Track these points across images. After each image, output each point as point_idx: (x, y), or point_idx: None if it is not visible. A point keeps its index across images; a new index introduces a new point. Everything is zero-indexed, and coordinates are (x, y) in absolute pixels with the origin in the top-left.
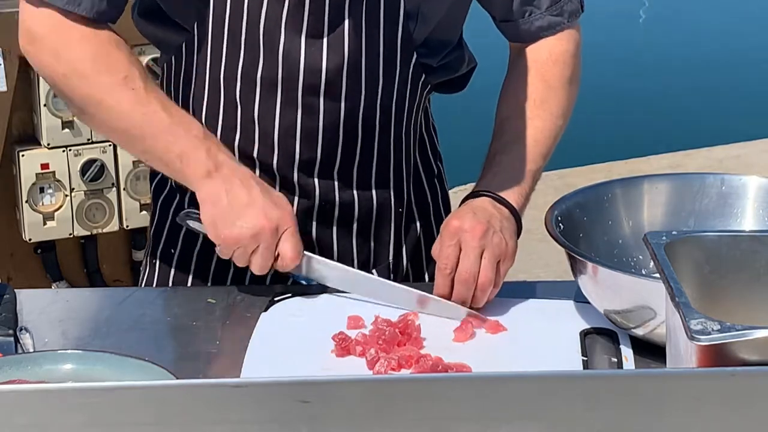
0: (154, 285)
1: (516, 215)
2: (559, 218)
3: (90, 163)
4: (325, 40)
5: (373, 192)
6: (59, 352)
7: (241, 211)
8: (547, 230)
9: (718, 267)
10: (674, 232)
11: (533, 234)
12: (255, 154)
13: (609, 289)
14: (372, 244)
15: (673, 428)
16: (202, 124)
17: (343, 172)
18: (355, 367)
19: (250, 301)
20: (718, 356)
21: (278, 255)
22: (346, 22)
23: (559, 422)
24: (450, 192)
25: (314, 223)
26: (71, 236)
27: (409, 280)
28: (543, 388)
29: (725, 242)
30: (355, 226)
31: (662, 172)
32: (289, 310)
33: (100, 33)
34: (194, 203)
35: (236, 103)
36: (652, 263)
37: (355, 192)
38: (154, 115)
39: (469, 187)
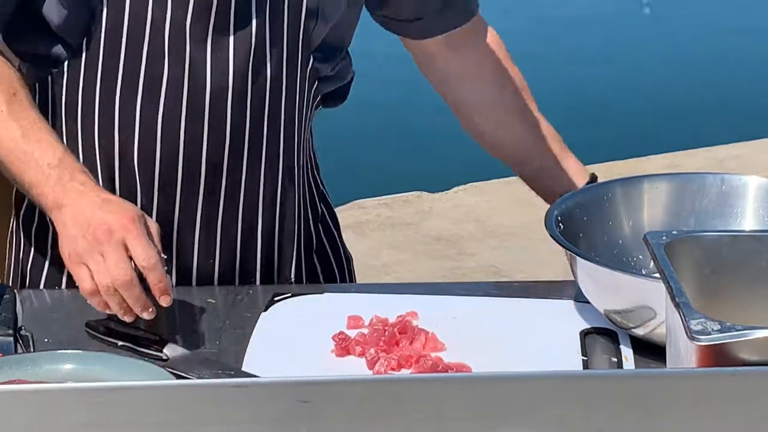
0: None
1: None
2: (559, 218)
3: None
4: (231, 38)
5: (259, 206)
6: (59, 352)
7: (80, 227)
8: (547, 230)
9: (718, 267)
10: (674, 232)
11: (533, 234)
12: (156, 172)
13: (609, 289)
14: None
15: (673, 428)
16: (78, 143)
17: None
18: (355, 367)
19: (250, 301)
20: (718, 356)
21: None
22: (254, 20)
23: (559, 422)
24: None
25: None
26: None
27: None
28: (543, 388)
29: (725, 242)
30: (238, 243)
31: (662, 172)
32: (289, 310)
33: None
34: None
35: (134, 118)
36: (652, 263)
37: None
38: (10, 141)
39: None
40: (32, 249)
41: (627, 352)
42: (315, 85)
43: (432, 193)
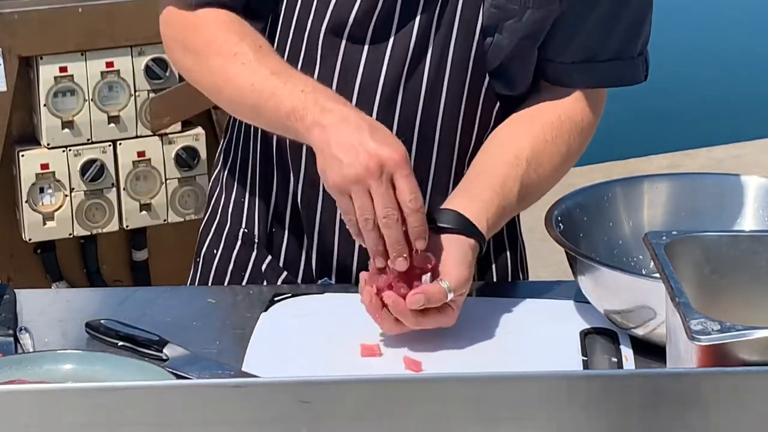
0: (197, 283)
1: None
2: (559, 218)
3: (90, 163)
4: (390, 41)
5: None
6: (59, 352)
7: (347, 154)
8: (547, 230)
9: (718, 267)
10: (674, 232)
11: (534, 233)
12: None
13: (609, 289)
14: None
15: (674, 428)
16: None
17: None
18: (355, 367)
19: (250, 301)
20: (718, 356)
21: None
22: (416, 25)
23: (559, 422)
24: None
25: None
26: (71, 236)
27: None
28: (543, 388)
29: (725, 242)
30: None
31: (662, 172)
32: (289, 310)
33: (208, 18)
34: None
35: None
36: (652, 263)
37: None
38: (264, 82)
39: None
40: (241, 193)
41: (627, 352)
42: (496, 108)
43: None
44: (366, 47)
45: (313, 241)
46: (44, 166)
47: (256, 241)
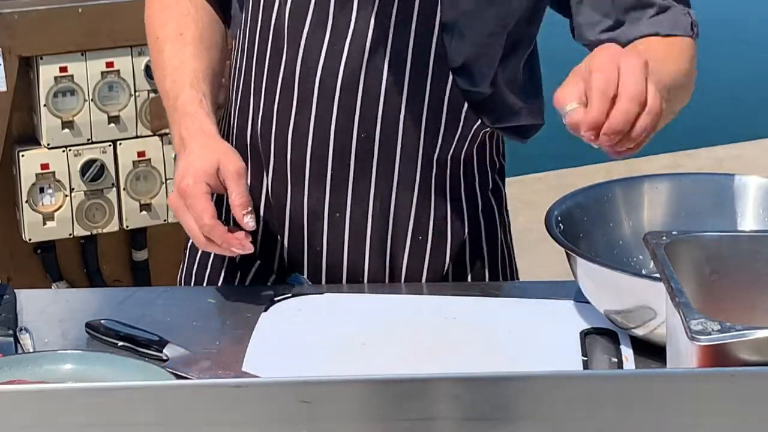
0: (192, 282)
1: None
2: (559, 218)
3: (90, 163)
4: (348, 38)
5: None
6: (59, 352)
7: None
8: (547, 230)
9: (718, 267)
10: (674, 232)
11: (533, 234)
12: (272, 149)
13: (609, 289)
14: (387, 261)
15: (673, 428)
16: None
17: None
18: (356, 367)
19: (250, 301)
20: (718, 356)
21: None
22: (371, 25)
23: (559, 422)
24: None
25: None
26: (71, 236)
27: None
28: (543, 388)
29: (725, 242)
30: (368, 242)
31: (662, 172)
32: (289, 310)
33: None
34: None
35: (261, 92)
36: (652, 263)
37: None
38: (160, 84)
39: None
40: None
41: (627, 352)
42: (464, 108)
43: None
44: (326, 41)
45: (285, 234)
46: (44, 166)
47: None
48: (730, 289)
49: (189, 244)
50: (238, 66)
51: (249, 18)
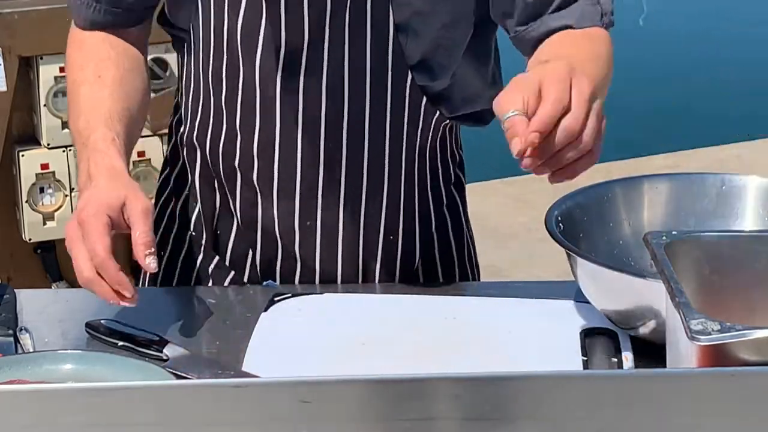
0: (147, 285)
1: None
2: (559, 218)
3: None
4: (304, 53)
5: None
6: (59, 352)
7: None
8: (547, 230)
9: (718, 267)
10: (674, 232)
11: (533, 234)
12: (236, 164)
13: (609, 289)
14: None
15: (673, 428)
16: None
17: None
18: (356, 367)
19: (250, 301)
20: (718, 356)
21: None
22: (327, 35)
23: (559, 422)
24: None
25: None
26: None
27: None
28: (543, 388)
29: (725, 242)
30: (340, 247)
31: (662, 172)
32: (289, 310)
33: (85, 39)
34: (188, 206)
35: (221, 109)
36: (652, 263)
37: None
38: (72, 124)
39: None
40: (188, 197)
41: (627, 352)
42: (423, 102)
43: None
44: (282, 54)
45: (257, 245)
46: (44, 166)
47: (203, 243)
48: (730, 289)
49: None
50: (194, 88)
51: (201, 41)
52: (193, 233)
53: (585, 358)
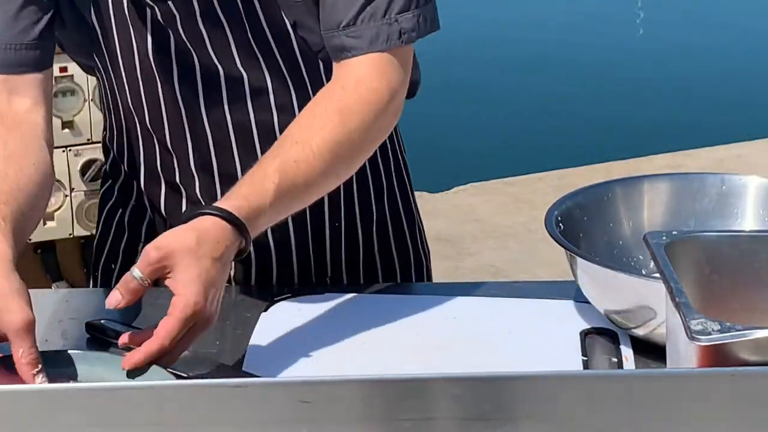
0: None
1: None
2: (559, 218)
3: (90, 163)
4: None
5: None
6: (59, 352)
7: None
8: (547, 230)
9: (718, 267)
10: (674, 232)
11: (533, 234)
12: (178, 180)
13: (609, 289)
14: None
15: (673, 428)
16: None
17: None
18: (355, 367)
19: (250, 301)
20: (718, 356)
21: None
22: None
23: (559, 422)
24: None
25: None
26: (71, 236)
27: None
28: (543, 388)
29: (725, 242)
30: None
31: (662, 172)
32: (289, 310)
33: None
34: (136, 216)
35: (149, 129)
36: (652, 263)
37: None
38: None
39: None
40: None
41: (627, 352)
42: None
43: (432, 193)
44: (198, 71)
45: None
46: None
47: None
48: (730, 289)
49: (101, 266)
50: (114, 117)
51: (110, 72)
52: (144, 243)
53: (585, 358)
